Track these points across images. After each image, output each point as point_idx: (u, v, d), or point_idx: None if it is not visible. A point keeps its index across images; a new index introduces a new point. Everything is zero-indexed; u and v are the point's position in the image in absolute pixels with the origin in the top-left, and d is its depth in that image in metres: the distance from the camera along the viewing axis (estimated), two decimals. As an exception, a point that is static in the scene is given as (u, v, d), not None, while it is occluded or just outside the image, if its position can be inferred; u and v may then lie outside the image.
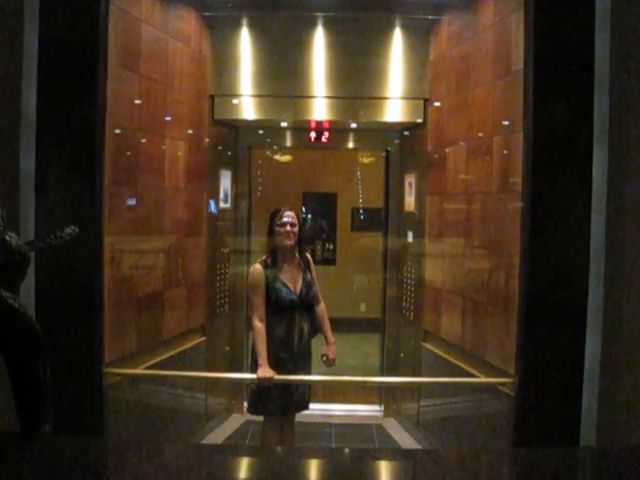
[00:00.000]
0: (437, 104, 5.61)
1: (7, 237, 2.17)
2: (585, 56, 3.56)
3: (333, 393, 6.32)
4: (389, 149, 6.51)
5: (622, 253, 3.52)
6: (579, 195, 3.57)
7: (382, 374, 6.42)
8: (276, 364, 4.23)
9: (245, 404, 5.94)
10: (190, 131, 5.50)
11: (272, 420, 4.45)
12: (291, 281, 4.37)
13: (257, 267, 4.33)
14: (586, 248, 3.56)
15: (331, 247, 8.56)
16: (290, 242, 4.34)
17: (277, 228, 4.34)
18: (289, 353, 4.34)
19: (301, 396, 4.45)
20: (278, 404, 4.36)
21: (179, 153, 5.30)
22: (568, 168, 3.59)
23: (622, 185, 3.53)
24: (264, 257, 4.39)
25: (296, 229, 4.36)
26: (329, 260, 8.51)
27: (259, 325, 4.23)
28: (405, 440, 5.75)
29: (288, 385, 4.33)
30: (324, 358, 4.53)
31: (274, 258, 4.35)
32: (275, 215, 4.38)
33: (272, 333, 4.29)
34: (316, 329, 4.52)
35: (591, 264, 3.56)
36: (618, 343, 3.53)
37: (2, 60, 3.51)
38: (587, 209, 3.55)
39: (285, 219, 4.33)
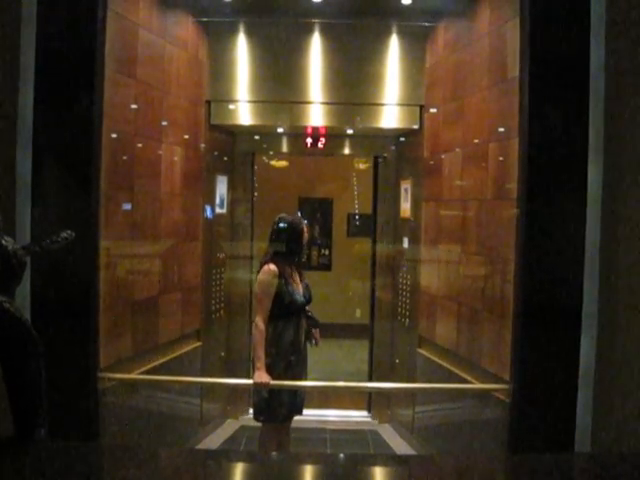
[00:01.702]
0: (433, 110, 5.63)
1: (3, 241, 2.18)
2: (580, 63, 3.57)
3: (322, 399, 6.29)
4: (385, 155, 6.52)
5: (617, 260, 3.53)
6: (574, 201, 3.58)
7: (370, 380, 6.43)
8: (287, 368, 4.27)
9: (248, 410, 5.94)
10: (186, 136, 5.50)
11: (271, 425, 4.45)
12: (296, 284, 4.42)
13: (272, 267, 4.31)
14: (581, 254, 3.57)
15: (327, 252, 8.58)
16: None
17: (298, 239, 4.44)
18: (297, 357, 4.37)
19: (302, 401, 4.46)
20: (286, 409, 4.36)
21: (175, 158, 5.29)
22: (563, 174, 3.60)
23: (617, 191, 3.54)
24: (266, 259, 4.37)
25: None
26: (325, 266, 8.52)
27: (263, 327, 4.24)
28: (399, 447, 5.74)
29: (294, 390, 4.34)
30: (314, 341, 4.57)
31: (283, 262, 4.37)
32: (297, 227, 4.46)
33: (282, 337, 4.31)
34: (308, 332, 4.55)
35: (586, 271, 3.57)
36: (613, 349, 3.54)
37: (0, 65, 3.52)
38: (582, 215, 3.56)
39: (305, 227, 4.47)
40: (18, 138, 3.56)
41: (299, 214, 4.84)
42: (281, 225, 4.44)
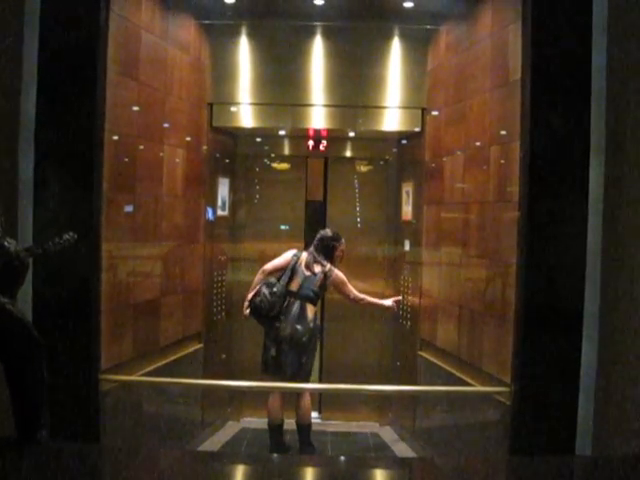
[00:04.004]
0: (435, 113, 5.63)
1: (6, 243, 2.19)
2: (582, 66, 3.58)
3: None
4: (387, 158, 6.53)
5: (619, 263, 3.53)
6: (575, 204, 3.59)
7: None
8: None
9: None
10: (188, 138, 5.50)
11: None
12: None
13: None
14: (582, 257, 3.57)
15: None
16: None
17: (342, 249, 5.42)
18: None
19: (304, 367, 5.28)
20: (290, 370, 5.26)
21: (177, 160, 5.30)
22: (565, 177, 3.61)
23: (618, 194, 3.54)
24: (329, 265, 5.30)
25: None
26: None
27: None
28: (399, 449, 5.74)
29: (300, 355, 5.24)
30: None
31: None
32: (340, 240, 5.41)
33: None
34: None
35: (587, 273, 3.58)
36: (614, 352, 3.54)
37: (2, 67, 3.52)
38: (583, 218, 3.57)
39: None
40: (20, 140, 3.57)
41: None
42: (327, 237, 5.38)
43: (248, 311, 5.23)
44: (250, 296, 5.22)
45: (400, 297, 5.69)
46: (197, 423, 5.66)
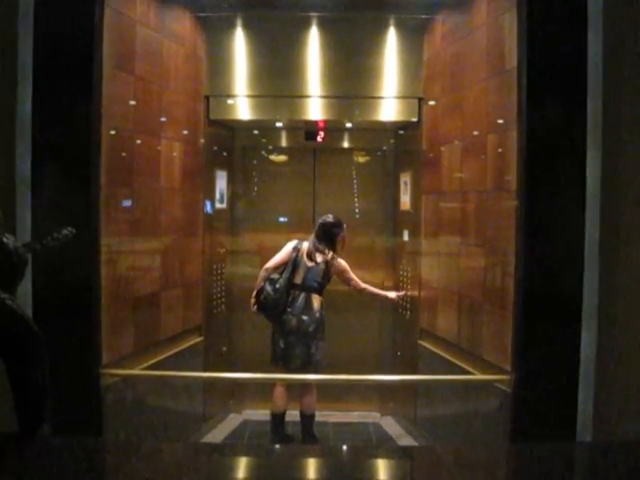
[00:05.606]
0: (431, 103, 5.62)
1: (4, 239, 2.19)
2: (578, 54, 3.58)
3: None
4: (384, 148, 6.52)
5: (616, 250, 3.54)
6: (573, 193, 3.59)
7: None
8: None
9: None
10: (185, 132, 5.49)
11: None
12: None
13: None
14: (580, 245, 3.58)
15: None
16: None
17: (344, 235, 5.40)
18: None
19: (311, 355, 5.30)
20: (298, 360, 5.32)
21: (174, 154, 5.29)
22: (562, 166, 3.61)
23: (616, 183, 3.54)
24: (332, 253, 5.28)
25: None
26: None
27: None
28: (400, 438, 5.76)
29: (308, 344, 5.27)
30: None
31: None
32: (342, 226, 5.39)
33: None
34: None
35: (585, 261, 3.58)
36: (613, 339, 3.55)
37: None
38: (581, 207, 3.57)
39: None
40: (17, 135, 3.56)
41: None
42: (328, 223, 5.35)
43: (255, 308, 5.27)
44: (255, 293, 5.25)
45: (404, 291, 5.81)
46: (199, 416, 5.68)
